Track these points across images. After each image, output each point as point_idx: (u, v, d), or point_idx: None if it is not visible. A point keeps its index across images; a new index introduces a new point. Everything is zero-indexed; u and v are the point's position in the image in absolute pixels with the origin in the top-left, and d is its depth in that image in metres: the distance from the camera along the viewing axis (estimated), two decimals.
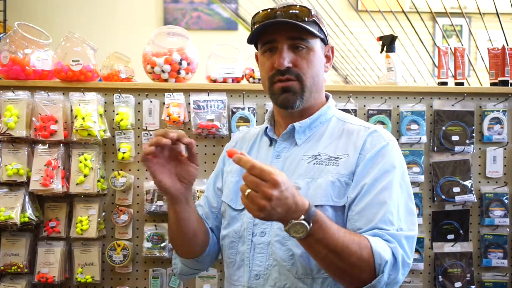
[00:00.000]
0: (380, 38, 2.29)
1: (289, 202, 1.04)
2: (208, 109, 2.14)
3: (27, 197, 2.08)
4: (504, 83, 2.27)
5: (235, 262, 1.35)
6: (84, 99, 2.10)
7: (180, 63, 2.17)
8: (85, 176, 2.08)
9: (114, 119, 2.15)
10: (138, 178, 2.19)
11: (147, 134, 2.16)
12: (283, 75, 1.29)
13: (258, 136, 1.47)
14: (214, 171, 1.55)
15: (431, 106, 2.23)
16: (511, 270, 2.22)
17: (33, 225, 2.10)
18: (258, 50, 1.40)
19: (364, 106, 2.21)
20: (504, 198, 2.20)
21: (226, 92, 2.18)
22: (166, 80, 2.20)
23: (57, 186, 2.06)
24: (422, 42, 3.47)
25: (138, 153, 2.18)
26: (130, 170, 2.19)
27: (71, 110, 2.12)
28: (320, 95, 1.39)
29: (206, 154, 2.20)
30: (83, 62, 2.11)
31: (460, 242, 2.20)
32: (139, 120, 2.20)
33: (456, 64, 2.31)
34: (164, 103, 2.16)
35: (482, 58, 3.14)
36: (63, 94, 2.14)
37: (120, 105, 2.15)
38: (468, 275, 2.18)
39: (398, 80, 2.24)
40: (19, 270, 2.09)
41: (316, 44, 1.33)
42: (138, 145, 2.19)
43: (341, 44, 4.39)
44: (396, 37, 2.28)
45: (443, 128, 2.20)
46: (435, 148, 2.21)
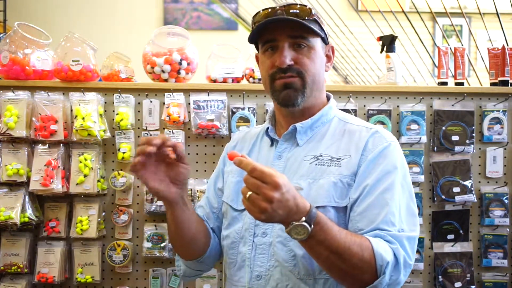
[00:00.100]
0: (380, 38, 2.29)
1: (290, 204, 1.04)
2: (208, 109, 2.14)
3: (27, 197, 2.08)
4: (504, 83, 2.27)
5: (236, 262, 1.34)
6: (84, 99, 2.10)
7: (180, 63, 2.17)
8: (85, 176, 2.08)
9: (114, 119, 2.15)
10: (138, 178, 2.18)
11: (147, 134, 2.16)
12: (284, 73, 1.29)
13: (259, 136, 1.46)
14: (215, 172, 1.55)
15: (431, 106, 2.23)
16: (511, 270, 2.22)
17: (33, 225, 2.10)
18: (258, 50, 1.40)
19: (364, 106, 2.21)
20: (504, 198, 2.20)
21: (226, 92, 2.18)
22: (166, 80, 2.20)
23: (57, 186, 2.06)
24: (422, 42, 3.47)
25: None
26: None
27: (71, 110, 2.12)
28: (321, 94, 1.39)
29: (206, 154, 2.20)
30: (83, 62, 2.11)
31: (460, 242, 2.20)
32: (139, 120, 2.20)
33: (456, 64, 2.31)
34: (164, 103, 2.16)
35: (482, 58, 3.15)
36: (63, 94, 2.14)
37: (120, 105, 2.15)
38: (468, 275, 2.18)
39: (398, 80, 2.24)
40: (19, 270, 2.09)
41: (317, 43, 1.33)
42: (138, 145, 2.18)
43: (341, 44, 4.39)
44: (396, 37, 2.28)
45: (443, 128, 2.20)
46: (435, 148, 2.21)
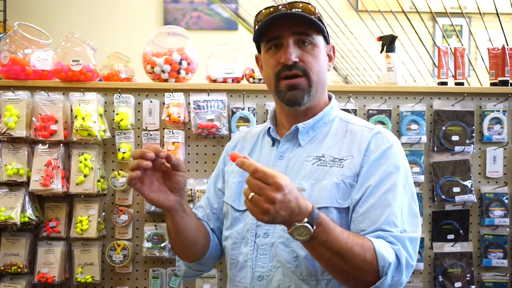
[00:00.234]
0: (380, 38, 2.29)
1: (292, 205, 1.04)
2: (208, 109, 2.14)
3: (27, 197, 2.08)
4: (504, 83, 2.27)
5: (237, 263, 1.34)
6: (84, 99, 2.10)
7: (180, 63, 2.17)
8: (85, 176, 2.08)
9: (114, 119, 2.15)
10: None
11: (147, 134, 2.16)
12: (290, 70, 1.29)
13: (260, 136, 1.46)
14: (215, 172, 1.55)
15: (431, 106, 2.23)
16: (511, 270, 2.22)
17: (33, 225, 2.10)
18: (259, 51, 1.40)
19: (364, 106, 2.21)
20: (504, 198, 2.20)
21: (226, 92, 2.18)
22: (166, 80, 2.20)
23: (57, 186, 2.05)
24: (422, 42, 3.47)
25: None
26: None
27: (71, 110, 2.12)
28: (324, 94, 1.39)
29: (206, 154, 2.20)
30: (83, 62, 2.11)
31: (460, 242, 2.20)
32: (139, 120, 2.20)
33: (456, 64, 2.31)
34: (164, 103, 2.16)
35: (482, 58, 3.14)
36: (63, 94, 2.14)
37: (120, 105, 2.15)
38: (468, 275, 2.18)
39: (398, 80, 2.24)
40: (19, 270, 2.09)
41: (320, 41, 1.33)
42: (138, 145, 2.19)
43: (341, 44, 4.38)
44: (396, 37, 2.28)
45: (443, 128, 2.20)
46: (435, 148, 2.21)
